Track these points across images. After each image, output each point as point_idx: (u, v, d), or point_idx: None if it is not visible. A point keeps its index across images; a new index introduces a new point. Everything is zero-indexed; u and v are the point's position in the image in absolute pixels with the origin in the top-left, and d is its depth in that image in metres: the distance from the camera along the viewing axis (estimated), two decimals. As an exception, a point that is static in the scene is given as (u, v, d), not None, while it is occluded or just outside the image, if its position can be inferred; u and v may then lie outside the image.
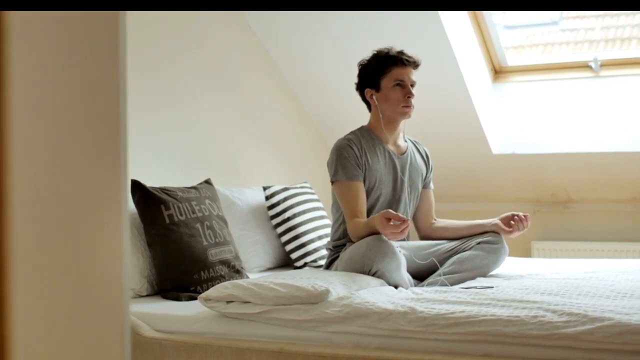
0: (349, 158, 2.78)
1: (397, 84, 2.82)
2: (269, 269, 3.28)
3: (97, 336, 1.02)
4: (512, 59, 4.37)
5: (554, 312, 2.02)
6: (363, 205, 2.77)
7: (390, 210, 2.54)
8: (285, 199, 3.33)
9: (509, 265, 3.02)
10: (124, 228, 1.04)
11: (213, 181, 3.27)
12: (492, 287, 2.47)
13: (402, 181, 2.89)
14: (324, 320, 2.16)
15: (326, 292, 2.20)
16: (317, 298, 2.19)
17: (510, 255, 3.67)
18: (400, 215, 2.50)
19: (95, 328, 1.01)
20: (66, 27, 1.01)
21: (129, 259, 1.00)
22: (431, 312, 2.09)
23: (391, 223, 2.47)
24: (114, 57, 1.07)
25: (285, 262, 3.35)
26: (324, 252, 3.20)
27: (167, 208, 2.65)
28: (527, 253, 4.25)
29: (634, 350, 1.86)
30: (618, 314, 1.98)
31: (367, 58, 2.91)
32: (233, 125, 3.76)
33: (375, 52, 2.90)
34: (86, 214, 1.02)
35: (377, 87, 2.86)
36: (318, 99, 4.28)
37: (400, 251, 2.64)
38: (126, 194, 1.06)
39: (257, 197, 3.38)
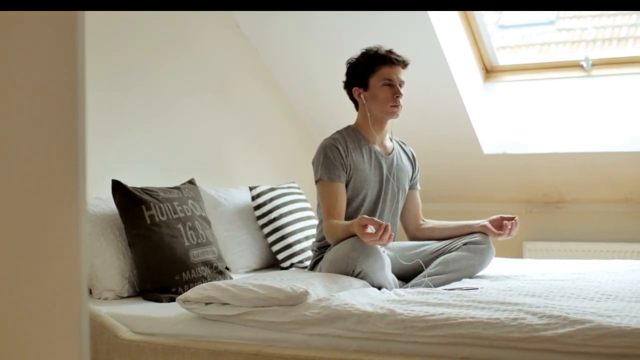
0: (334, 158, 2.75)
1: (386, 83, 2.79)
2: (255, 270, 3.25)
3: (53, 340, 0.99)
4: (506, 59, 4.33)
5: (534, 314, 1.99)
6: (342, 207, 2.74)
7: (365, 216, 2.50)
8: (271, 199, 3.30)
9: (498, 266, 3.00)
10: (82, 231, 1.01)
11: (201, 181, 3.24)
12: (477, 289, 2.44)
13: (389, 181, 2.86)
14: (303, 322, 2.13)
15: (305, 294, 2.17)
16: (296, 300, 2.16)
17: (501, 255, 3.65)
18: (376, 219, 2.47)
19: (51, 331, 0.99)
20: (23, 27, 0.99)
21: (87, 263, 0.97)
22: (410, 314, 2.06)
23: (368, 230, 2.44)
24: (72, 57, 1.04)
25: (272, 263, 3.32)
26: (311, 252, 3.17)
27: (148, 208, 2.62)
28: (518, 254, 4.22)
29: (614, 354, 1.83)
30: (599, 316, 1.95)
31: (356, 56, 2.88)
32: (221, 125, 3.73)
33: (364, 50, 2.87)
34: (41, 217, 0.99)
35: (365, 86, 2.83)
36: (307, 99, 4.25)
37: (384, 252, 2.61)
38: (84, 196, 1.03)
39: (243, 197, 3.35)
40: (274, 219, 3.26)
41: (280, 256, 3.23)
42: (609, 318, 1.93)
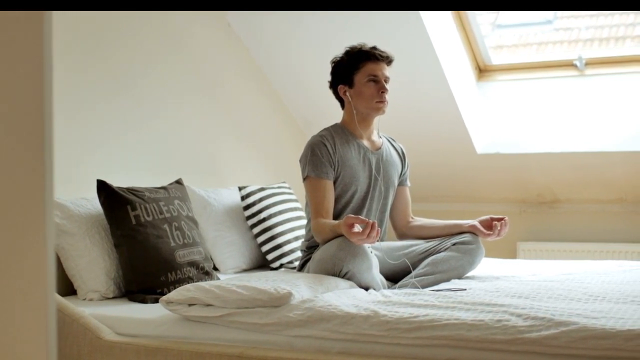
0: (321, 155, 2.73)
1: (371, 80, 2.78)
2: (245, 270, 3.23)
3: (19, 337, 0.98)
4: (503, 58, 4.30)
5: (519, 316, 1.96)
6: (330, 204, 2.72)
7: (351, 215, 2.48)
8: (261, 199, 3.27)
9: (490, 267, 2.97)
10: (49, 226, 0.99)
11: (191, 181, 3.22)
12: (465, 290, 2.41)
13: (377, 177, 2.84)
14: (286, 323, 2.11)
15: (288, 295, 2.14)
16: (279, 301, 2.14)
17: (495, 256, 3.62)
18: (362, 217, 2.44)
19: (18, 328, 0.97)
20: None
21: (54, 266, 0.97)
22: (394, 315, 2.04)
23: (355, 229, 2.42)
24: (38, 57, 1.02)
25: (262, 264, 3.30)
26: (300, 253, 3.15)
27: (134, 209, 2.60)
28: (512, 254, 4.20)
29: (598, 356, 1.81)
30: (585, 317, 1.93)
31: (340, 55, 2.86)
32: (212, 124, 3.71)
33: (348, 48, 2.85)
34: (7, 212, 0.98)
35: (350, 83, 2.81)
36: (299, 98, 4.22)
37: (372, 252, 2.59)
38: (52, 197, 1.01)
39: (233, 197, 3.33)
40: (264, 219, 3.23)
41: (269, 256, 3.21)
42: (594, 320, 1.91)
